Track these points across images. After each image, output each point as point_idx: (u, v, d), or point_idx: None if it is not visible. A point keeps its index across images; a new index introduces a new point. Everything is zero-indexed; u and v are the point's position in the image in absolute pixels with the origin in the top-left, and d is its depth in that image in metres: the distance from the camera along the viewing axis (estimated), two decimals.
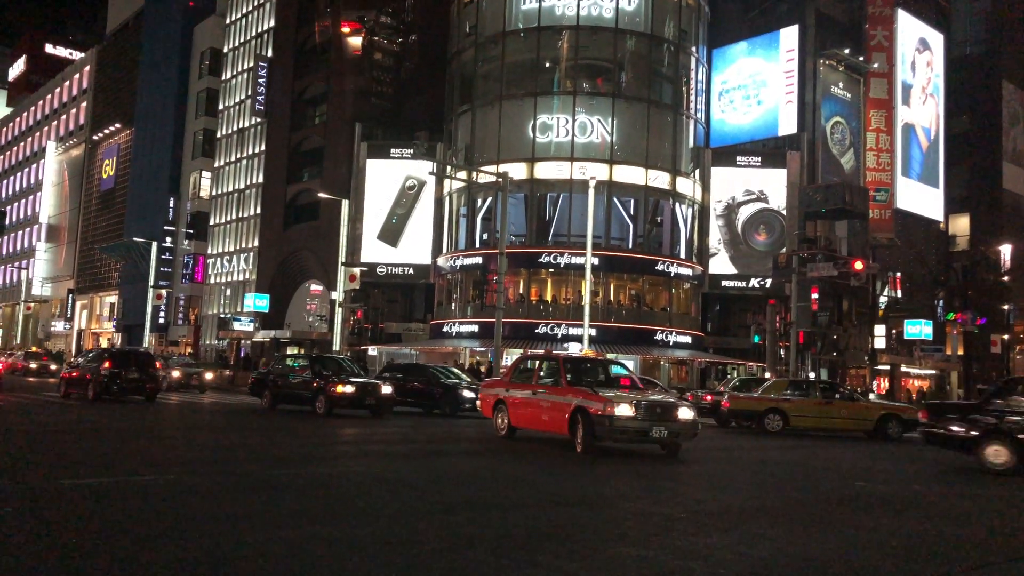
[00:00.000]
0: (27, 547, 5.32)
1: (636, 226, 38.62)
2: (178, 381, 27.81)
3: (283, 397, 19.67)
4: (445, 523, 6.70)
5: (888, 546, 6.73)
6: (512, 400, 13.79)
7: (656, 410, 11.69)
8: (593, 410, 11.59)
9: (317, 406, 18.35)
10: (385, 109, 46.22)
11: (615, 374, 14.14)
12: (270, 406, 19.71)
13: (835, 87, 41.59)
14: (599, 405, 11.55)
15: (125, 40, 71.22)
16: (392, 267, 42.17)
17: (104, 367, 20.07)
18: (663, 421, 11.60)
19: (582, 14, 37.97)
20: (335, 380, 18.36)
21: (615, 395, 11.85)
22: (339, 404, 18.20)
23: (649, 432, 11.54)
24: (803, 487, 10.33)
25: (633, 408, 11.50)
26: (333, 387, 18.10)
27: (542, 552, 5.80)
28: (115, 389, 19.88)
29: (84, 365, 21.75)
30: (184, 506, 6.99)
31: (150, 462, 9.82)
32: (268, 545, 5.57)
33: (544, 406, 12.89)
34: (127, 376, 20.03)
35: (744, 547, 6.38)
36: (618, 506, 7.83)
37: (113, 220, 67.87)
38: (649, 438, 11.65)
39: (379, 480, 9.10)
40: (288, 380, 19.65)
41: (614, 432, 11.47)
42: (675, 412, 11.83)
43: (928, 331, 39.35)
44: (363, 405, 18.47)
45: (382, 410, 18.80)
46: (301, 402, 19.17)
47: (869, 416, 19.60)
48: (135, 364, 20.67)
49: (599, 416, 11.47)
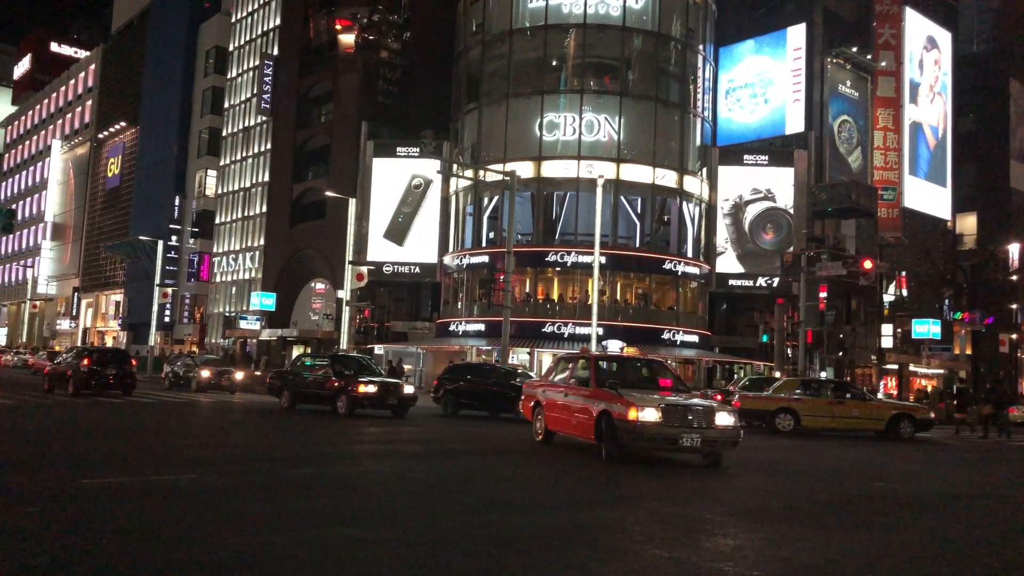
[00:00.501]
0: (57, 548, 5.29)
1: (643, 225, 38.53)
2: (208, 381, 26.82)
3: (303, 397, 19.32)
4: (472, 523, 6.66)
5: (919, 548, 6.68)
6: (547, 403, 12.85)
7: (687, 415, 10.44)
8: (616, 414, 10.52)
9: (339, 406, 18.02)
10: (391, 108, 46.19)
11: (654, 375, 12.55)
12: (290, 406, 19.39)
13: (842, 85, 41.47)
14: (622, 408, 10.45)
15: (130, 39, 71.27)
16: (398, 266, 42.15)
17: (83, 364, 21.28)
18: (696, 428, 10.34)
19: (589, 12, 37.89)
20: (357, 380, 18.02)
21: (640, 398, 10.62)
22: (361, 404, 17.88)
23: (679, 440, 10.28)
24: (824, 488, 10.26)
25: (660, 412, 10.30)
26: (355, 387, 17.77)
27: (572, 554, 5.76)
28: (93, 384, 21.14)
29: (66, 362, 22.84)
30: (207, 506, 6.96)
31: (167, 461, 9.80)
32: (296, 546, 5.53)
33: (574, 409, 11.85)
34: (105, 372, 21.30)
35: (774, 548, 6.33)
36: (642, 507, 7.79)
37: (118, 219, 67.95)
38: (679, 446, 10.40)
39: (403, 480, 9.07)
40: (308, 380, 19.33)
41: (638, 439, 10.34)
42: (711, 417, 10.53)
43: (936, 330, 39.22)
44: (385, 405, 18.17)
45: (404, 410, 18.49)
46: (322, 402, 18.84)
47: (881, 416, 19.52)
48: (112, 361, 21.86)
49: (621, 421, 10.38)
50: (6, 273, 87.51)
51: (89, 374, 21.05)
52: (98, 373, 21.14)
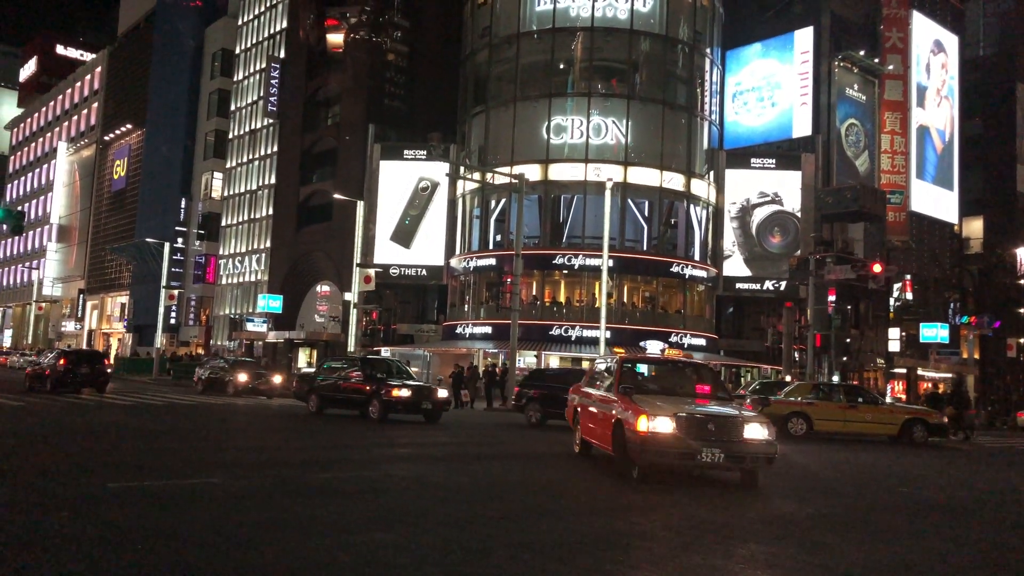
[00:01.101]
0: (95, 553, 5.28)
1: (650, 228, 38.53)
2: (244, 386, 26.02)
3: (332, 401, 18.61)
4: (510, 530, 6.67)
5: (956, 556, 6.65)
6: (582, 410, 11.85)
7: (708, 426, 9.06)
8: (627, 424, 9.39)
9: (371, 411, 17.36)
10: (398, 110, 46.21)
11: (690, 380, 11.07)
12: (317, 410, 18.71)
13: (850, 89, 41.46)
14: (632, 417, 9.25)
15: (137, 41, 71.38)
16: (405, 268, 42.17)
17: (60, 364, 23.30)
18: (718, 441, 8.97)
19: (597, 15, 37.92)
20: (391, 383, 17.40)
21: (653, 405, 9.41)
22: (395, 408, 17.20)
23: (697, 455, 8.92)
24: (849, 494, 10.23)
25: (674, 423, 8.97)
26: (389, 391, 17.07)
27: (609, 561, 5.75)
28: (69, 382, 22.89)
29: (45, 363, 24.71)
30: (239, 510, 6.93)
31: (192, 464, 9.79)
32: (336, 552, 5.53)
33: (599, 418, 10.85)
34: (79, 371, 23.10)
35: (806, 555, 6.32)
36: (673, 513, 7.76)
37: (124, 221, 68.02)
38: (697, 462, 9.04)
39: (436, 486, 9.03)
40: (337, 383, 18.60)
41: (647, 452, 9.04)
42: (738, 430, 9.10)
43: (944, 334, 39.16)
44: (419, 410, 17.43)
45: (438, 415, 17.78)
46: (352, 406, 18.19)
47: (894, 420, 19.47)
48: (86, 361, 23.84)
49: (631, 432, 9.19)
50: (11, 275, 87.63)
51: (65, 373, 22.86)
52: (73, 372, 22.92)
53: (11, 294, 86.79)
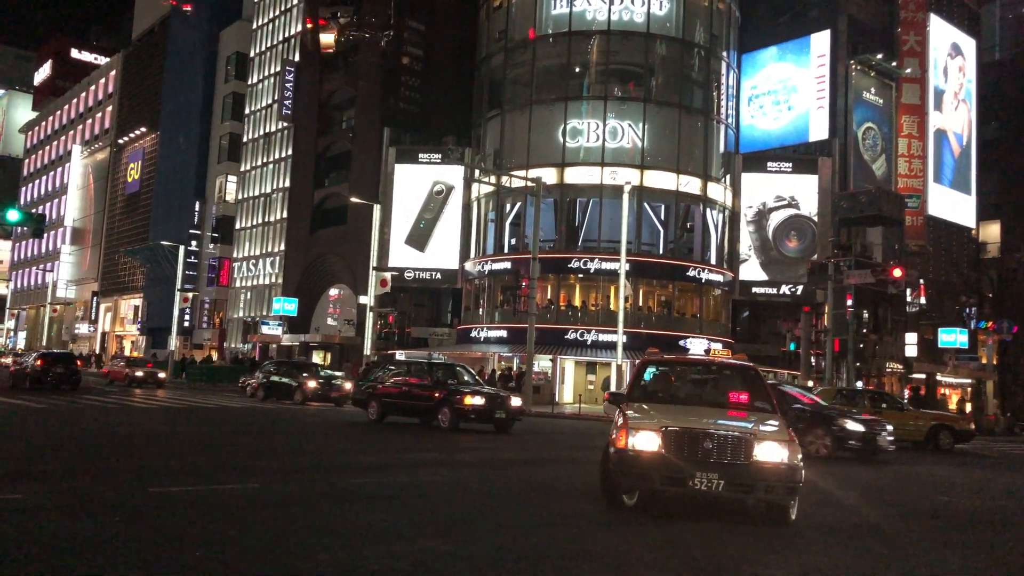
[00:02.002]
0: (150, 558, 5.24)
1: (667, 232, 38.39)
2: (314, 392, 24.98)
3: (395, 409, 17.67)
4: (558, 537, 6.62)
5: (1015, 567, 6.54)
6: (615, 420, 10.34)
7: (704, 444, 7.10)
8: (610, 439, 7.72)
9: (440, 419, 16.46)
10: (413, 114, 46.21)
11: (726, 387, 9.03)
12: (378, 418, 17.83)
13: (867, 92, 41.23)
14: (614, 432, 7.64)
15: (151, 45, 71.80)
16: (419, 272, 42.15)
17: (36, 364, 25.85)
18: (718, 464, 7.04)
19: (613, 19, 37.86)
20: (463, 390, 16.64)
21: (644, 417, 7.62)
22: (467, 417, 16.35)
23: (689, 480, 7.05)
24: (890, 501, 10.08)
25: (660, 438, 7.16)
26: (461, 398, 16.31)
27: (666, 570, 5.66)
28: (45, 381, 25.18)
29: (25, 364, 27.17)
30: (289, 517, 6.88)
31: (236, 470, 9.75)
32: (392, 560, 5.47)
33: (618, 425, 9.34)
34: (55, 371, 25.55)
35: (862, 566, 6.23)
36: (726, 521, 7.59)
37: (138, 223, 68.36)
38: (689, 488, 7.12)
39: (486, 494, 8.96)
40: (400, 390, 17.69)
41: (627, 476, 7.37)
42: (746, 451, 7.08)
43: (963, 339, 38.83)
44: (492, 419, 16.61)
45: (510, 425, 17.01)
46: (417, 414, 17.31)
47: (920, 426, 19.30)
48: (61, 362, 26.44)
49: (612, 449, 7.48)
50: (26, 277, 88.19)
51: (42, 372, 25.37)
52: (49, 371, 25.41)
53: (25, 296, 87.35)
